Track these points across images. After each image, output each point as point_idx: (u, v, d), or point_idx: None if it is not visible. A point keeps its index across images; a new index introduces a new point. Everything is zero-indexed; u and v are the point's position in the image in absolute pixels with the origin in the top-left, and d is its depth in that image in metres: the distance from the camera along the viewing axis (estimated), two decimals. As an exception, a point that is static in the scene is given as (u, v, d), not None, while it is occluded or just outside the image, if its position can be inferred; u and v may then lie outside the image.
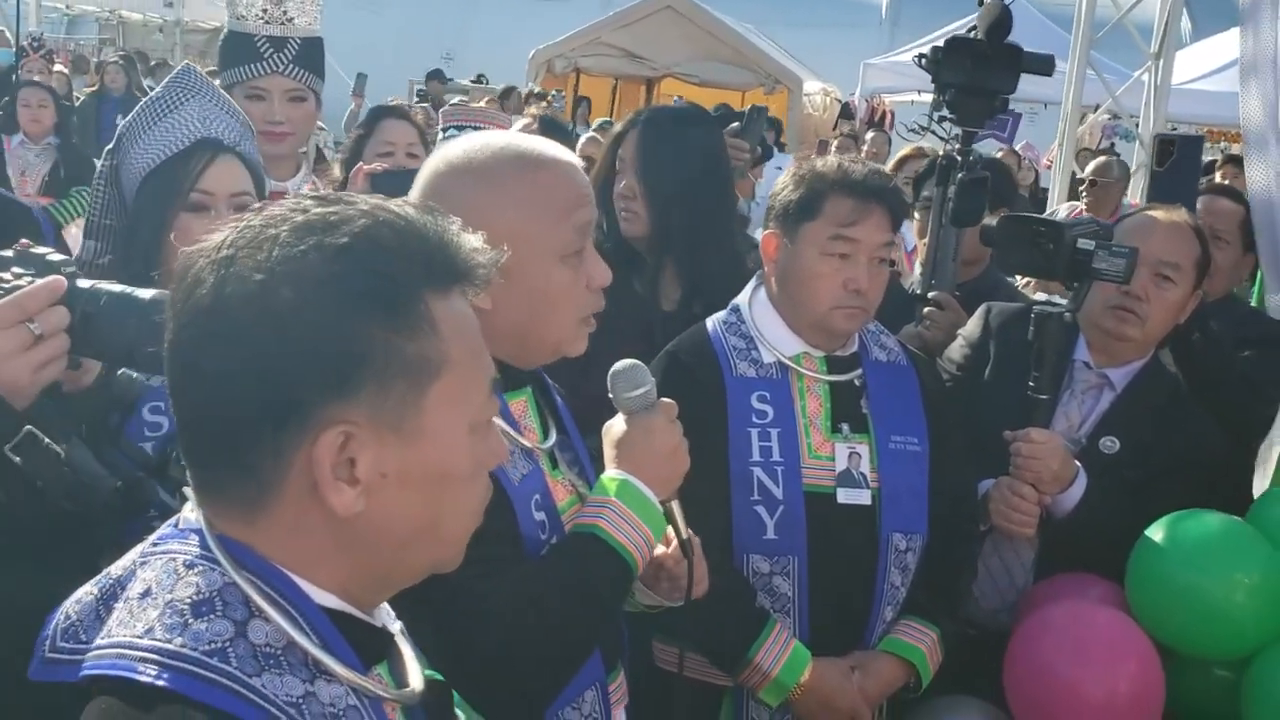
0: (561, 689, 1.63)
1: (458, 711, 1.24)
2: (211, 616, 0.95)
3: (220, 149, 2.11)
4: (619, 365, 1.70)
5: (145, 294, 1.54)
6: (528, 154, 1.66)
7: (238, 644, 0.95)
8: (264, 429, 0.97)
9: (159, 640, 0.94)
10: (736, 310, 2.47)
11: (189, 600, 0.96)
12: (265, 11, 2.94)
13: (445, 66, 14.06)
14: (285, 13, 2.96)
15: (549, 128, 5.00)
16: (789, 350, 2.39)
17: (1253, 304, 3.84)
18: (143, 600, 0.97)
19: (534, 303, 1.62)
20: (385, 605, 1.20)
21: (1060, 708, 2.30)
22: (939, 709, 2.55)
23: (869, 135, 10.78)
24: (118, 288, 1.55)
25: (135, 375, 1.78)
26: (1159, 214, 2.74)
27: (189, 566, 0.98)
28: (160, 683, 0.91)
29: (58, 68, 10.51)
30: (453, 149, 1.69)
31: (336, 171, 3.43)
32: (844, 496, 2.34)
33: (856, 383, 2.42)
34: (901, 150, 5.32)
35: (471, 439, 1.05)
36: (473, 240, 1.07)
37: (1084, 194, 6.92)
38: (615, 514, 1.63)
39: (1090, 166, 7.15)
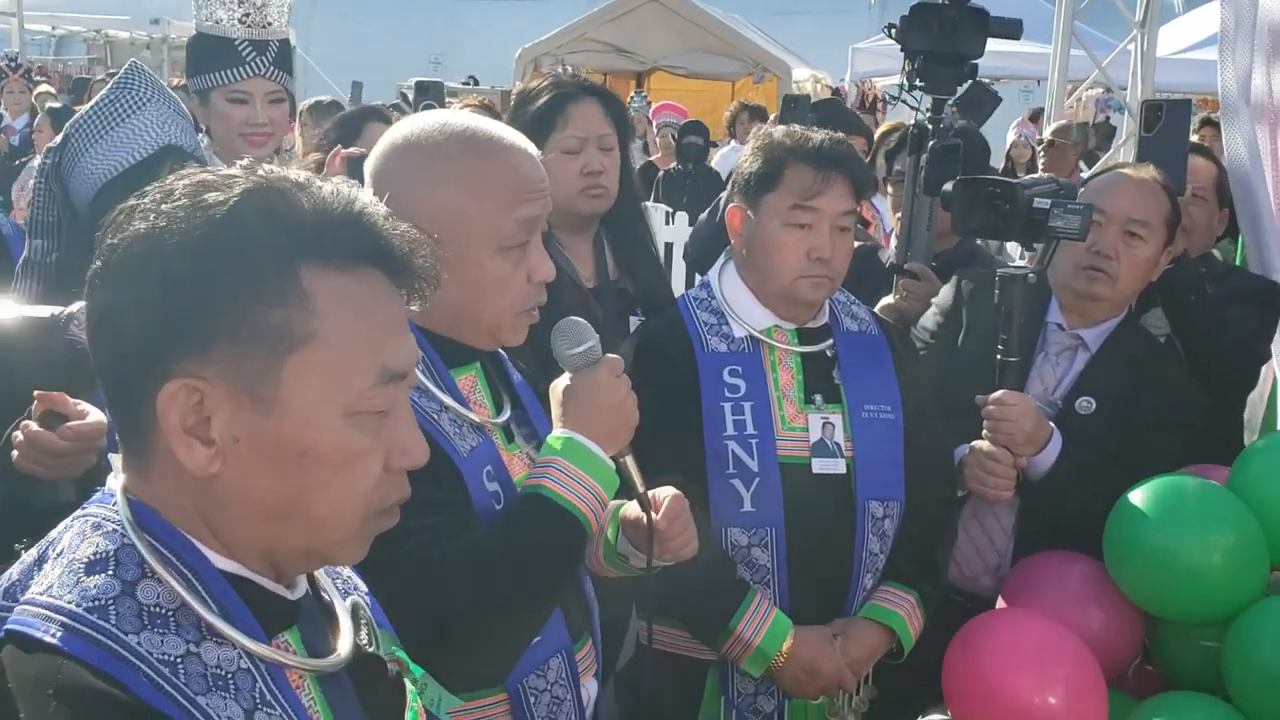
0: (520, 652, 1.61)
1: (412, 685, 1.24)
2: (102, 575, 0.97)
3: (183, 157, 2.12)
4: (561, 323, 1.69)
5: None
6: (480, 137, 1.64)
7: (122, 602, 0.96)
8: (136, 375, 0.99)
9: (53, 597, 0.97)
10: (706, 285, 2.48)
11: (85, 559, 0.99)
12: (247, 16, 2.95)
13: (434, 70, 14.09)
14: (265, 17, 2.98)
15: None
16: (759, 324, 2.39)
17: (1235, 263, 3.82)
18: (55, 561, 1.00)
19: (466, 288, 1.60)
20: (343, 575, 1.22)
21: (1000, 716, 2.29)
22: None
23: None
24: None
25: None
26: (1127, 171, 2.72)
27: (96, 528, 1.01)
28: (45, 636, 0.94)
29: (44, 87, 10.53)
30: (407, 124, 1.67)
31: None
32: (819, 466, 2.34)
33: (828, 353, 2.42)
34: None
35: (346, 424, 1.02)
36: (406, 231, 1.06)
37: (1041, 155, 7.11)
38: (560, 472, 1.61)
39: (1050, 128, 7.34)
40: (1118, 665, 2.45)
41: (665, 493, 1.82)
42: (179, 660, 0.96)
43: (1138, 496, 2.36)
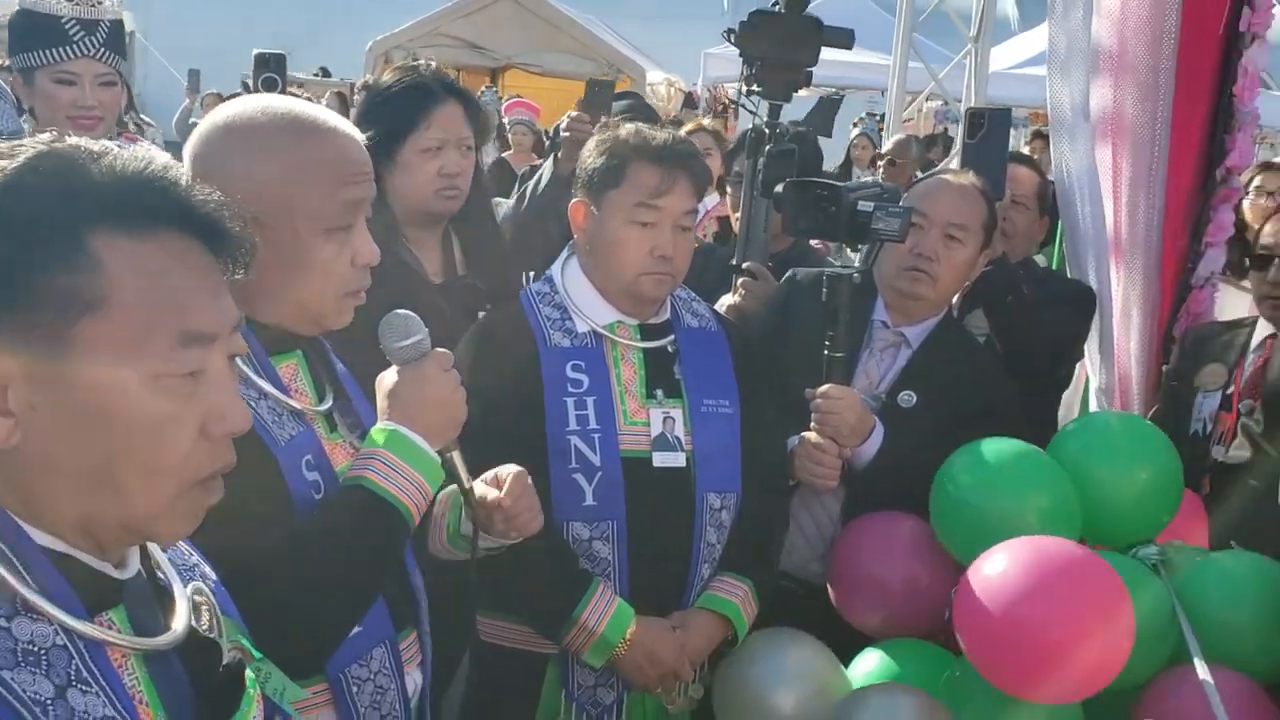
0: (338, 642, 1.61)
1: (254, 673, 1.23)
2: None
3: None
4: (388, 316, 1.69)
5: None
6: (302, 120, 1.63)
7: None
8: None
9: None
10: (549, 280, 2.49)
11: None
12: None
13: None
14: None
15: None
16: (602, 319, 2.42)
17: (1052, 266, 4.07)
18: None
19: (291, 270, 1.59)
20: (190, 561, 1.21)
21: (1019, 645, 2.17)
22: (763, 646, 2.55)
23: (705, 123, 10.95)
24: None
25: None
26: (948, 177, 2.88)
27: None
28: None
29: None
30: (228, 107, 1.66)
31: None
32: (659, 460, 2.39)
33: (670, 349, 2.47)
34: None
35: (147, 389, 1.01)
36: (211, 194, 1.05)
37: (881, 171, 7.45)
38: (384, 464, 1.62)
39: (888, 144, 7.66)
40: (937, 617, 2.50)
41: (507, 470, 1.85)
42: None
43: (963, 458, 2.46)
